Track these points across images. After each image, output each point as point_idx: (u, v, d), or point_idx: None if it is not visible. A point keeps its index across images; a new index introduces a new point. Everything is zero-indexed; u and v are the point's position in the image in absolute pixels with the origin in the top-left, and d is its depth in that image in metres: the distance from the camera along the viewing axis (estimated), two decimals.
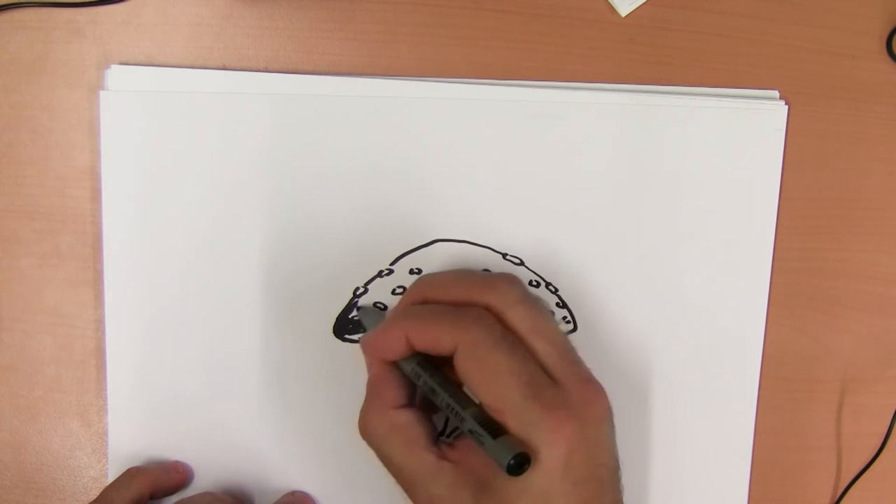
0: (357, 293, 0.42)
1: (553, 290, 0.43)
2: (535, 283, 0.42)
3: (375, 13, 0.42)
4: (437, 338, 0.35)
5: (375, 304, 0.42)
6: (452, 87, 0.42)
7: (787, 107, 0.43)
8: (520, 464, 0.32)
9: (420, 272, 0.42)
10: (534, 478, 0.33)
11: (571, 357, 0.36)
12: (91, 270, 0.42)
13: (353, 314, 0.42)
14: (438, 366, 0.36)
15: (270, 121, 0.41)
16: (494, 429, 0.33)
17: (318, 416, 0.42)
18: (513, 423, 0.33)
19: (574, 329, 0.43)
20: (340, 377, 0.42)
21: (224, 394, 0.42)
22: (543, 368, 0.35)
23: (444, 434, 0.41)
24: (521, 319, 0.36)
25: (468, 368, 0.35)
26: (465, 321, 0.35)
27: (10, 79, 0.42)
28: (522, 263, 0.42)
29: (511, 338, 0.35)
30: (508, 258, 0.42)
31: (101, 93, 0.41)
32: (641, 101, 0.42)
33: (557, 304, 0.43)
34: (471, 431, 0.34)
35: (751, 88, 0.43)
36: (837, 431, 0.45)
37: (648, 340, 0.43)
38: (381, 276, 0.42)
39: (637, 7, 0.42)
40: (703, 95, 0.43)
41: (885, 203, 0.44)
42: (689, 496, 0.44)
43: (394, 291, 0.42)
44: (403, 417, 0.36)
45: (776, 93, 0.43)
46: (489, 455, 0.33)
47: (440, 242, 0.42)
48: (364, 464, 0.41)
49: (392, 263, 0.42)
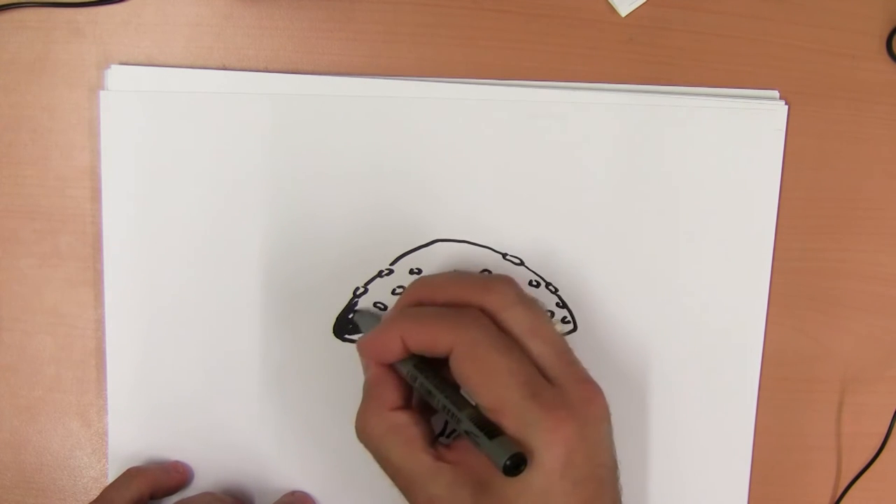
0: (357, 293, 0.42)
1: (553, 291, 0.43)
2: (535, 284, 0.42)
3: (375, 13, 0.42)
4: (434, 339, 0.35)
5: (375, 304, 0.42)
6: (452, 87, 0.42)
7: (787, 107, 0.43)
8: (516, 464, 0.32)
9: (420, 272, 0.42)
10: (533, 478, 0.33)
11: (568, 357, 0.36)
12: (91, 270, 0.42)
13: (353, 315, 0.42)
14: (435, 368, 0.36)
15: (270, 121, 0.41)
16: (491, 429, 0.33)
17: (318, 416, 0.42)
18: (511, 424, 0.33)
19: (574, 329, 0.43)
20: (340, 377, 0.42)
21: (224, 394, 0.42)
22: (540, 369, 0.35)
23: (444, 435, 0.41)
24: (518, 320, 0.35)
25: (465, 369, 0.34)
26: (462, 322, 0.35)
27: (10, 79, 0.42)
28: (522, 263, 0.42)
29: (508, 338, 0.35)
30: (508, 258, 0.42)
31: (101, 93, 0.41)
32: (641, 101, 0.42)
33: (557, 305, 0.43)
34: (467, 432, 0.34)
35: (751, 88, 0.43)
36: (837, 431, 0.45)
37: (648, 340, 0.43)
38: (381, 276, 0.42)
39: (637, 7, 0.42)
40: (703, 95, 0.43)
41: (885, 203, 0.44)
42: (689, 496, 0.44)
43: (394, 291, 0.42)
44: (401, 418, 0.36)
45: (776, 93, 0.43)
46: (486, 455, 0.33)
47: (440, 242, 0.42)
48: (364, 464, 0.41)
49: (392, 263, 0.42)
